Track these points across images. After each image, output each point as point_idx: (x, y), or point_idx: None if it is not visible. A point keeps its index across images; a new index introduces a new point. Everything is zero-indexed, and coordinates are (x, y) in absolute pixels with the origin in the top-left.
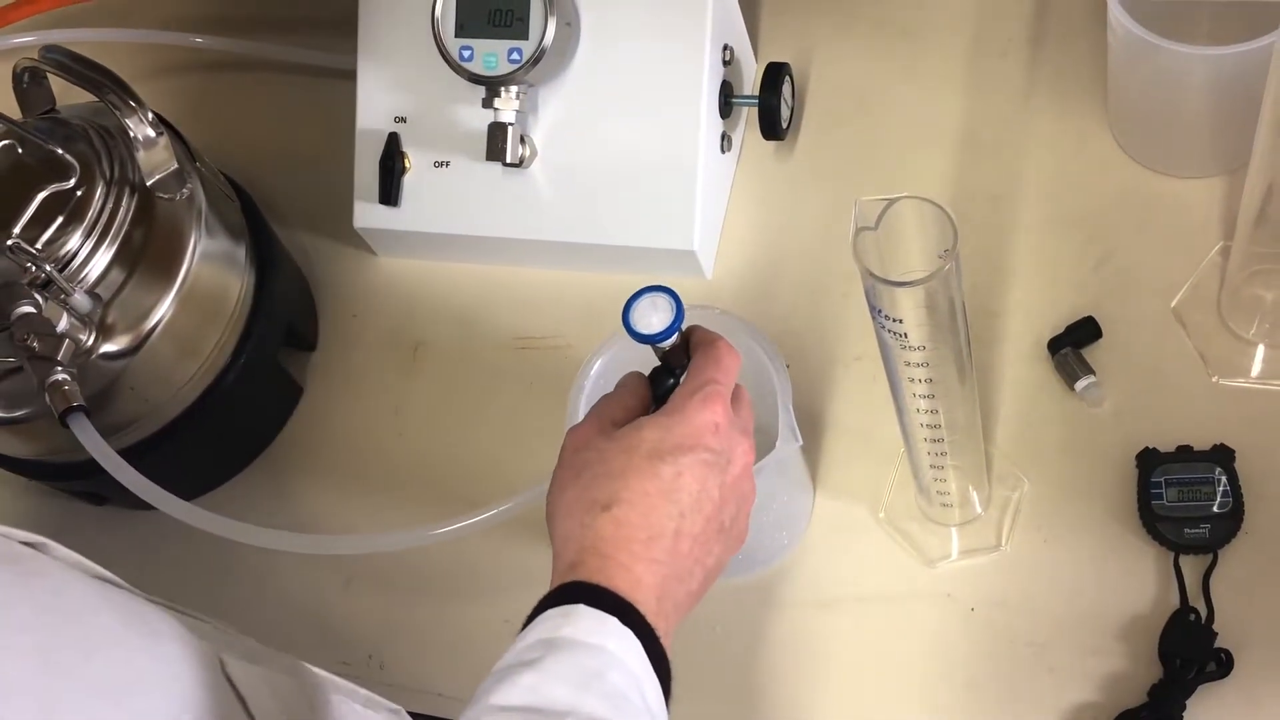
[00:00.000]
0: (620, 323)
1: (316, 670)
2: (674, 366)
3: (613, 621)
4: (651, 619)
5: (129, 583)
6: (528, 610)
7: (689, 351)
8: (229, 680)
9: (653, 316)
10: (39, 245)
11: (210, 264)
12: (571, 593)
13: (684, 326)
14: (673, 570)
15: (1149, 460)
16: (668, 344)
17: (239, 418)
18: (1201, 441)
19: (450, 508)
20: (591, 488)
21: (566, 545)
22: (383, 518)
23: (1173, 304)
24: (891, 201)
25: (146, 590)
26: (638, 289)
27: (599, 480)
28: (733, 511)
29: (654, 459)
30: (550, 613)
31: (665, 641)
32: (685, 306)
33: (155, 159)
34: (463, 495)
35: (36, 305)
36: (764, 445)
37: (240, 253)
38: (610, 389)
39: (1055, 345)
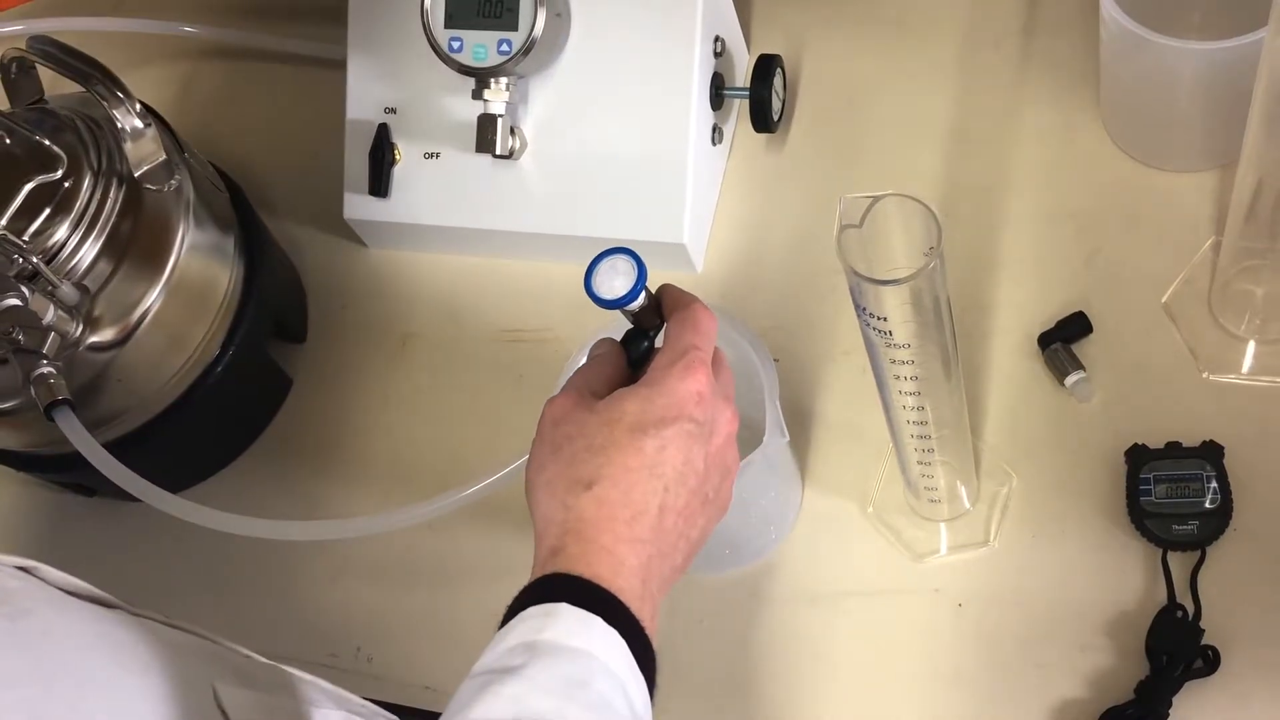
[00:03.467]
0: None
1: (306, 677)
2: (646, 328)
3: (597, 622)
4: (635, 605)
5: (119, 577)
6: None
7: (661, 311)
8: (222, 711)
9: (615, 280)
10: (26, 237)
11: (198, 255)
12: (554, 587)
13: (650, 286)
14: (657, 548)
15: (1138, 456)
16: (635, 305)
17: (228, 410)
18: (1191, 437)
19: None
20: (573, 465)
21: (548, 528)
22: (371, 509)
23: (1163, 299)
24: (876, 199)
25: (138, 585)
26: (596, 254)
27: (580, 456)
28: (716, 482)
29: (636, 432)
30: (532, 611)
31: (650, 625)
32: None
33: (143, 150)
34: (451, 486)
35: (23, 298)
36: (751, 440)
37: (229, 244)
38: None
39: (1045, 340)
